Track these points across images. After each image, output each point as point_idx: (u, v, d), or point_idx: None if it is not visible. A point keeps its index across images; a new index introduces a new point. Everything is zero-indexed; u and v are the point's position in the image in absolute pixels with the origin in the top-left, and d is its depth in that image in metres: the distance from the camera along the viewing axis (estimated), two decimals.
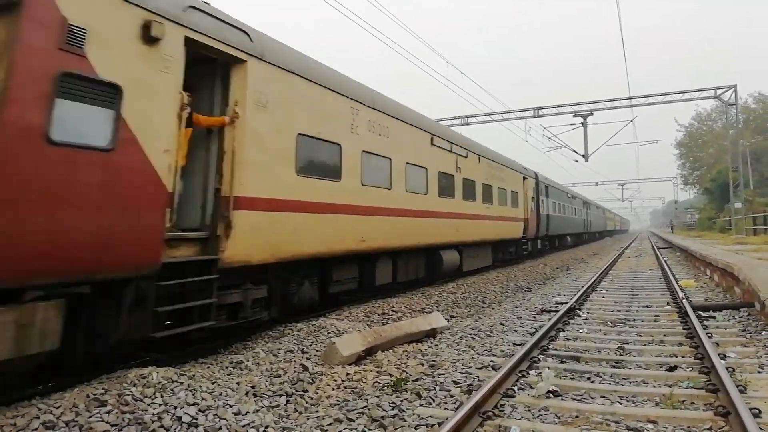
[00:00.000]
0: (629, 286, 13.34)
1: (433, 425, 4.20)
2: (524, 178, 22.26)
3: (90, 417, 3.99)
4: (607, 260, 22.61)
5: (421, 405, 4.75)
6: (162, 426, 4.04)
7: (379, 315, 9.08)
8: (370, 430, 4.22)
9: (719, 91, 30.30)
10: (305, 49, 9.35)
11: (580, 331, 7.81)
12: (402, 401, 4.81)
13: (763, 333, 7.06)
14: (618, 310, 9.56)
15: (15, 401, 4.34)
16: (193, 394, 4.58)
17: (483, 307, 10.67)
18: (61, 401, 4.16)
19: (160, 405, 4.31)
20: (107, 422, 3.97)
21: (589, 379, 5.43)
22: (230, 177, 6.45)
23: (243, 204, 6.50)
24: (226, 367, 5.76)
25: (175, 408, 4.31)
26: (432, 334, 7.56)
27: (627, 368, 5.79)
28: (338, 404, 4.80)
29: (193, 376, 5.04)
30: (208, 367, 5.69)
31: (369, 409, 4.58)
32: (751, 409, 4.05)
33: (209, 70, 6.68)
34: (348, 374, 5.55)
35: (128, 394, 4.35)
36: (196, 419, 4.20)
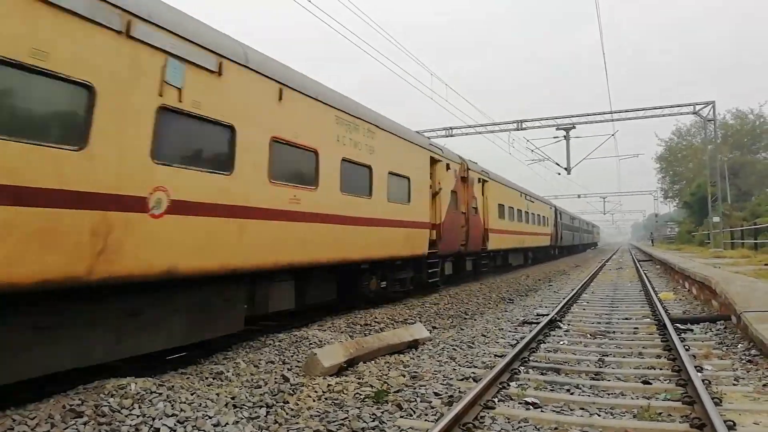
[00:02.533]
0: (609, 298, 13.49)
1: None
2: (434, 161, 14.16)
3: (66, 428, 3.93)
4: (589, 272, 22.83)
5: (401, 416, 4.75)
6: None
7: (361, 326, 9.06)
8: None
9: (698, 107, 30.91)
10: (290, 60, 9.30)
11: (561, 342, 7.88)
12: (383, 413, 4.80)
13: (739, 346, 7.18)
14: (598, 322, 9.66)
15: None
16: (172, 405, 4.53)
17: (465, 319, 10.70)
18: (36, 412, 4.09)
19: (138, 416, 4.26)
20: None
21: (568, 390, 5.48)
22: None
23: None
24: (206, 378, 5.70)
25: (153, 419, 4.26)
26: (414, 345, 7.57)
27: (606, 380, 5.85)
28: (319, 416, 4.78)
29: (173, 386, 4.98)
30: (188, 378, 5.62)
31: (350, 421, 4.56)
32: (725, 421, 4.12)
33: None
34: (329, 385, 5.53)
35: (105, 405, 4.29)
36: (175, 430, 4.15)
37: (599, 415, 4.72)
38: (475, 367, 6.42)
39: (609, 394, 5.36)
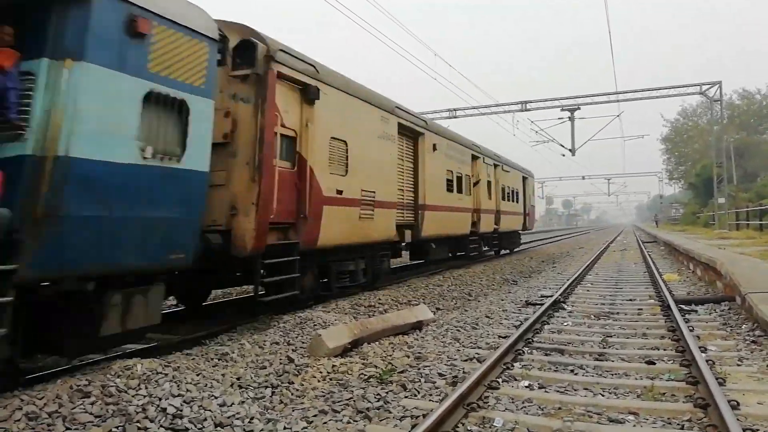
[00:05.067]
0: (613, 279, 13.49)
1: (418, 416, 4.23)
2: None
3: (74, 408, 3.96)
4: (593, 254, 22.82)
5: (406, 397, 4.78)
6: (146, 417, 4.02)
7: (365, 307, 9.09)
8: (355, 421, 4.24)
9: (704, 87, 30.63)
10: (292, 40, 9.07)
11: (565, 324, 7.89)
12: (387, 393, 4.83)
13: (743, 326, 7.18)
14: (602, 304, 9.67)
15: None
16: (178, 386, 4.56)
17: (469, 300, 10.73)
18: (44, 392, 4.12)
19: (144, 396, 4.29)
20: (91, 413, 3.94)
21: (572, 371, 5.50)
22: None
23: None
24: (212, 359, 5.74)
25: (160, 399, 4.28)
26: (418, 326, 7.59)
27: (610, 361, 5.87)
28: (324, 396, 4.81)
29: (178, 367, 5.01)
30: (193, 359, 5.66)
31: (354, 401, 4.60)
32: (729, 401, 4.13)
33: None
34: (334, 366, 5.56)
35: (112, 386, 4.32)
36: (181, 410, 4.18)
37: (603, 396, 4.74)
38: (480, 348, 6.44)
39: (613, 375, 5.37)
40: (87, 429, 3.77)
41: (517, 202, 23.72)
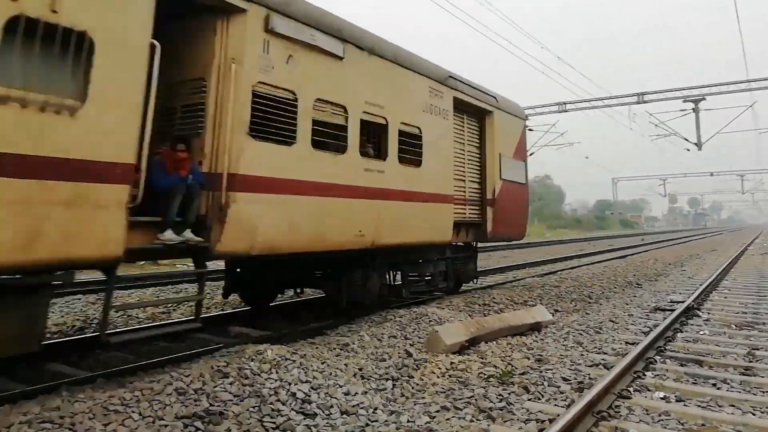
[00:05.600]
0: (755, 286, 12.18)
1: (543, 421, 4.09)
2: None
3: (215, 387, 4.28)
4: (727, 257, 20.77)
5: (529, 399, 4.64)
6: (278, 400, 4.25)
7: (480, 306, 8.96)
8: (478, 420, 4.19)
9: None
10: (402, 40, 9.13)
11: (701, 333, 7.26)
12: (509, 394, 4.72)
13: None
14: (744, 312, 8.77)
15: (150, 367, 4.78)
16: (305, 372, 4.77)
17: (590, 303, 10.20)
18: (189, 371, 4.49)
19: (275, 380, 4.54)
20: (230, 392, 4.24)
21: (714, 385, 5.04)
22: None
23: None
24: (334, 348, 5.94)
25: (290, 384, 4.51)
26: (536, 327, 7.34)
27: (759, 376, 5.30)
28: (444, 392, 4.80)
29: (304, 355, 5.24)
30: (317, 348, 5.89)
31: (476, 400, 4.54)
32: None
33: None
34: (452, 363, 5.53)
35: (247, 368, 4.61)
36: (309, 396, 4.37)
37: (754, 414, 4.29)
38: (605, 354, 6.10)
39: (764, 392, 4.85)
40: (228, 407, 4.05)
41: (429, 163, 8.35)
